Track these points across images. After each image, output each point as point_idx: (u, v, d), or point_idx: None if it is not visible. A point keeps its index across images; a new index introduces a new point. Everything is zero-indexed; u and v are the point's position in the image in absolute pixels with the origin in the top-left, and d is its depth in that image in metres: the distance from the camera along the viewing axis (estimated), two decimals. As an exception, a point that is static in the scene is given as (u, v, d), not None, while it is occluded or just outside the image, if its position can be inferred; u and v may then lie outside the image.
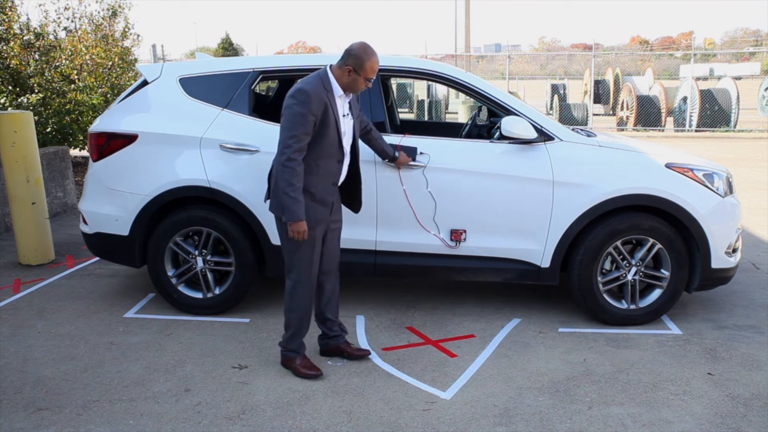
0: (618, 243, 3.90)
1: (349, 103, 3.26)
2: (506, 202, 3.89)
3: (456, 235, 3.94)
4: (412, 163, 3.86)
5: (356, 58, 3.07)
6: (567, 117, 17.63)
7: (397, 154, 3.78)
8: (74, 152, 10.90)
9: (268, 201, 3.30)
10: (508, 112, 3.96)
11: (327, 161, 3.16)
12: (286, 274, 3.33)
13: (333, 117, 3.10)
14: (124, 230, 4.13)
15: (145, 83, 4.24)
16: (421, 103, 19.28)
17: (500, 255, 3.98)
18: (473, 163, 3.90)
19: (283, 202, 3.07)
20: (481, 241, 3.95)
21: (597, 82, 21.64)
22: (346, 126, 3.23)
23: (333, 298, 3.51)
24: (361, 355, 3.55)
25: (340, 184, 3.35)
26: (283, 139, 3.05)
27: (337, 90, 3.13)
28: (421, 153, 3.88)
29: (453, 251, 3.98)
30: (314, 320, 3.56)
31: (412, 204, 3.90)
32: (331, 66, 3.16)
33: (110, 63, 10.02)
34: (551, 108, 21.35)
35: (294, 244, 3.19)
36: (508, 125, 3.79)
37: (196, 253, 4.10)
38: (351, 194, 3.46)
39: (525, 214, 3.89)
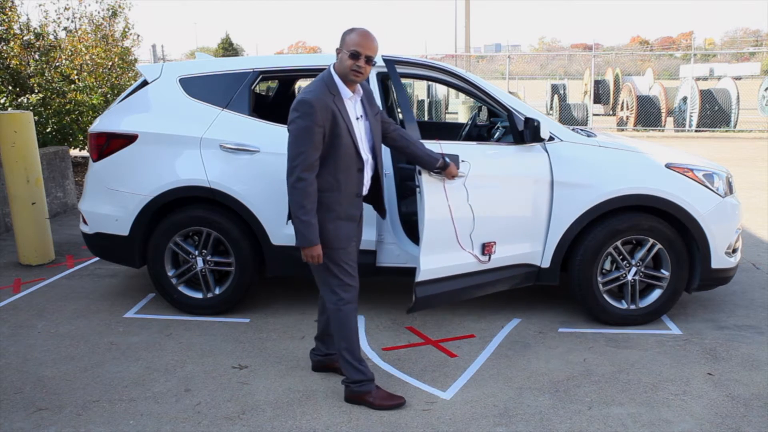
0: (618, 243, 3.90)
1: (362, 101, 2.99)
2: (519, 206, 3.82)
3: (488, 249, 3.70)
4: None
5: (342, 36, 2.87)
6: (567, 117, 17.62)
7: (447, 161, 3.29)
8: (74, 152, 10.90)
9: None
10: (510, 111, 3.93)
11: (346, 173, 2.88)
12: (327, 300, 3.03)
13: (344, 124, 2.83)
14: (124, 230, 4.13)
15: (145, 83, 4.24)
16: (421, 103, 19.28)
17: (514, 262, 3.88)
18: (498, 168, 3.78)
19: (295, 226, 2.82)
20: (504, 250, 3.81)
21: (597, 82, 21.64)
22: (362, 130, 2.96)
23: None
24: None
25: (365, 193, 3.07)
26: (291, 157, 2.78)
27: (345, 92, 2.87)
28: (462, 161, 3.45)
29: (484, 266, 3.73)
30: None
31: (455, 221, 3.52)
32: (334, 65, 2.93)
33: (110, 63, 10.03)
34: (551, 108, 21.35)
35: (333, 268, 2.93)
36: (545, 126, 3.77)
37: (196, 253, 4.10)
38: (374, 199, 3.19)
39: (529, 216, 3.87)
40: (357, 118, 2.94)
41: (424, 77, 4.16)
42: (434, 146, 3.44)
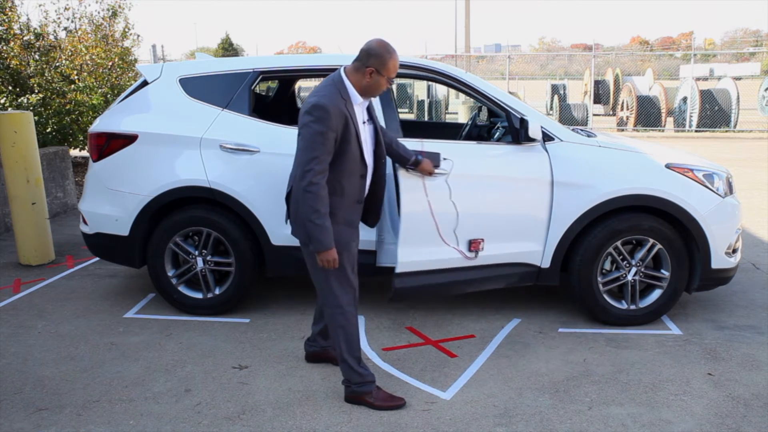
0: (618, 243, 3.90)
1: (368, 107, 3.02)
2: (513, 205, 3.84)
3: (475, 246, 3.77)
4: (436, 170, 3.55)
5: (378, 58, 2.82)
6: (567, 117, 17.62)
7: (420, 158, 3.41)
8: (74, 152, 10.90)
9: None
10: (507, 111, 3.94)
11: (350, 179, 2.89)
12: (323, 305, 3.06)
13: (354, 129, 2.83)
14: (124, 230, 4.13)
15: (145, 83, 4.24)
16: (421, 103, 19.28)
17: (508, 260, 3.91)
18: (487, 167, 3.82)
19: (309, 231, 2.79)
20: (495, 248, 3.84)
21: (597, 83, 21.62)
22: (367, 134, 2.97)
23: None
24: None
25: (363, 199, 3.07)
26: (303, 161, 2.75)
27: (356, 97, 2.86)
28: (444, 159, 3.60)
29: (470, 263, 3.82)
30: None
31: (436, 216, 3.63)
32: (345, 69, 2.89)
33: (110, 63, 10.02)
34: (551, 108, 21.34)
35: (325, 272, 2.94)
36: (535, 127, 3.77)
37: (196, 253, 4.10)
38: (368, 206, 3.15)
39: (528, 216, 3.88)
40: (363, 123, 2.95)
41: (421, 77, 4.17)
42: (417, 144, 3.63)
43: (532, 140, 3.81)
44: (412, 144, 3.62)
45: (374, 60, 2.82)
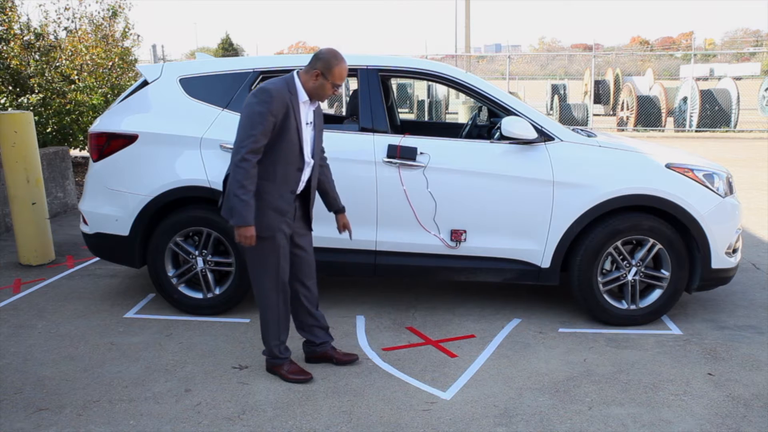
0: (618, 243, 3.90)
1: (314, 112, 3.17)
2: (507, 203, 3.89)
3: (456, 236, 3.94)
4: (412, 163, 3.86)
5: (325, 62, 3.00)
6: (567, 117, 17.61)
7: (341, 208, 3.44)
8: (74, 152, 10.91)
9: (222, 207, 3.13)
10: (508, 112, 3.96)
11: (285, 167, 3.05)
12: (252, 285, 3.23)
13: (294, 121, 3.01)
14: (125, 230, 4.13)
15: (145, 83, 4.24)
16: (421, 103, 19.27)
17: (500, 255, 3.99)
18: (473, 164, 3.91)
19: (231, 204, 2.94)
20: (482, 241, 3.96)
21: (597, 83, 21.62)
22: (308, 134, 3.13)
23: (313, 305, 3.40)
24: (349, 361, 3.48)
25: (299, 192, 3.19)
26: (240, 138, 2.94)
27: (302, 95, 3.04)
28: (421, 153, 3.89)
29: (453, 251, 3.98)
30: (296, 329, 3.47)
31: (413, 204, 3.90)
32: (298, 71, 3.10)
33: (110, 63, 10.02)
34: (551, 108, 21.33)
35: (257, 253, 3.09)
36: (508, 125, 3.80)
37: (197, 253, 4.10)
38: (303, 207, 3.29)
39: (525, 215, 3.90)
40: (307, 123, 3.11)
41: (419, 78, 4.21)
42: (396, 139, 3.92)
43: (507, 138, 3.87)
44: (392, 139, 3.91)
45: (321, 64, 3.01)
